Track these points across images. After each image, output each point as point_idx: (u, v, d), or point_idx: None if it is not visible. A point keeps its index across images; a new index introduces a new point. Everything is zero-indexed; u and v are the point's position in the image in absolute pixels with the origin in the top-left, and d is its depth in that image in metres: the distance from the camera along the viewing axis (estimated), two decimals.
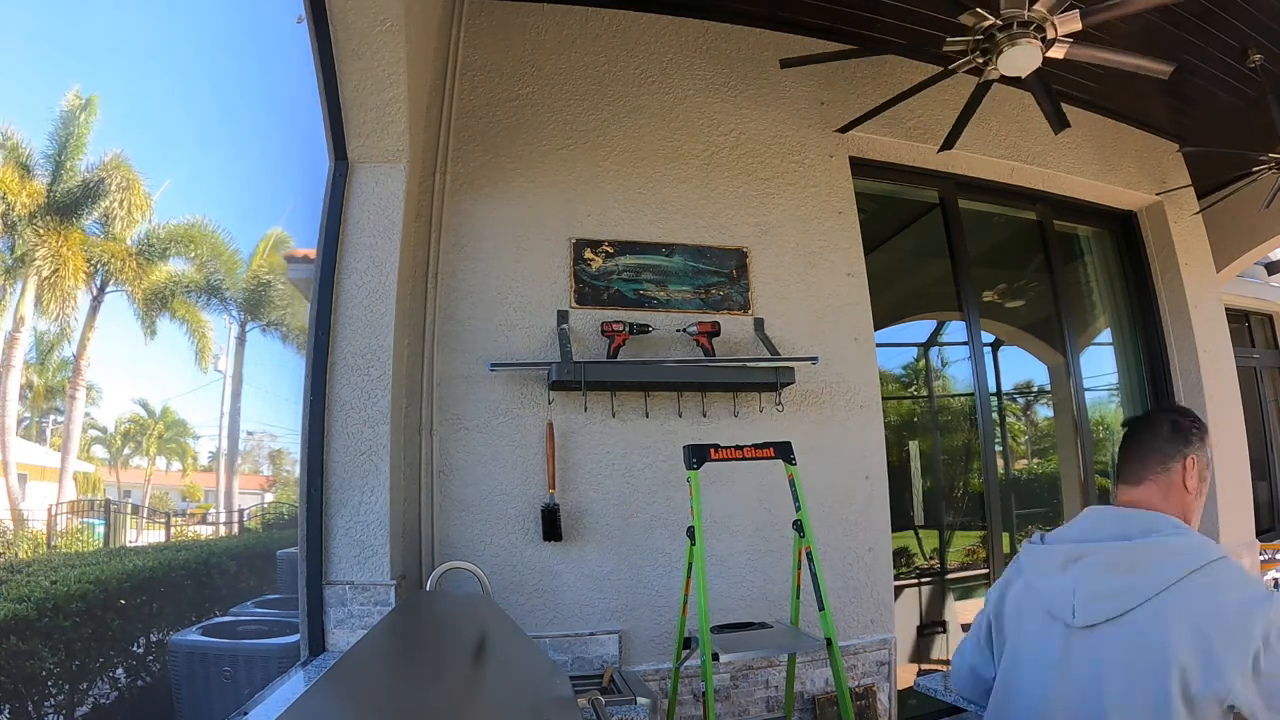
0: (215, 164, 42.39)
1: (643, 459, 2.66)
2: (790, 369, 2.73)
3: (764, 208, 3.02)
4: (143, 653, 5.80)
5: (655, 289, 2.81)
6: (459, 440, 2.53)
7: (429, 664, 0.99)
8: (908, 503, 3.73)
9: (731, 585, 2.65)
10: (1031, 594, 1.38)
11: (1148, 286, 4.07)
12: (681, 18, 3.10)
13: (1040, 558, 1.39)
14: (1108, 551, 1.30)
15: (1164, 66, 2.42)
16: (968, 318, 3.59)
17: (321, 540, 2.10)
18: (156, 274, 15.23)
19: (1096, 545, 1.33)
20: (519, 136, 2.81)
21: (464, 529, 2.48)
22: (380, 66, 2.10)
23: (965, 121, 2.81)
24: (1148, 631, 1.19)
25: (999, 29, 2.29)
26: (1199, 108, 3.81)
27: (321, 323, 2.19)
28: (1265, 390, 5.90)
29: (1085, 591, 1.28)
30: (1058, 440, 4.21)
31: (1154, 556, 1.25)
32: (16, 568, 6.95)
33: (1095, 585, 1.27)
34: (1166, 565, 1.22)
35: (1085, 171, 3.81)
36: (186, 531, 15.18)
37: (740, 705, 2.61)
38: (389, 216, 2.30)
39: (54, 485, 14.80)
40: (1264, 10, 2.97)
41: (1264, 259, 5.66)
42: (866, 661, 2.78)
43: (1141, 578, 1.23)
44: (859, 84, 3.29)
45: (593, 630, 2.51)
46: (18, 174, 13.27)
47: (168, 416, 21.36)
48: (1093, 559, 1.31)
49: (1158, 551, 1.26)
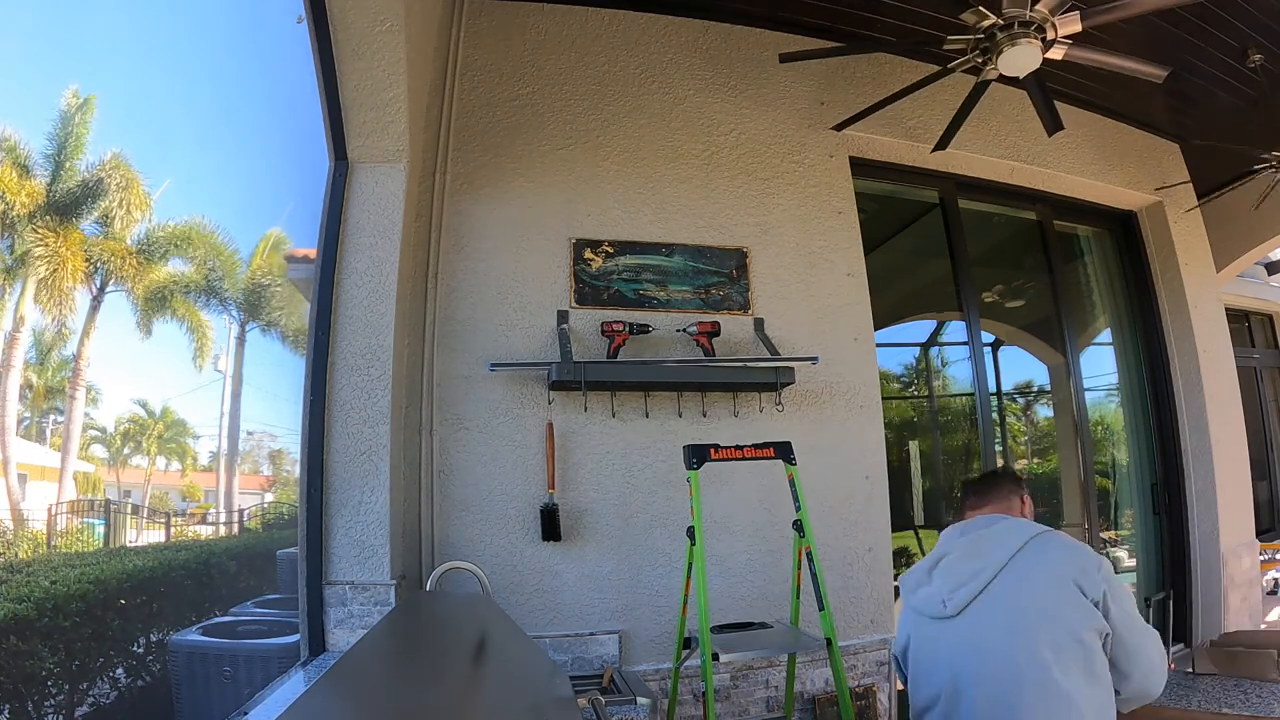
0: (215, 164, 42.41)
1: (643, 459, 2.66)
2: (790, 369, 2.73)
3: (764, 208, 3.02)
4: (143, 653, 5.80)
5: (655, 289, 2.81)
6: (459, 440, 2.53)
7: (429, 664, 0.99)
8: (908, 503, 3.73)
9: (731, 585, 2.65)
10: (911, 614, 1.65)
11: (1148, 286, 4.07)
12: (681, 18, 3.10)
13: (910, 582, 1.66)
14: (957, 548, 1.59)
15: (1160, 70, 2.42)
16: (968, 318, 3.59)
17: (321, 540, 2.10)
18: (156, 274, 15.23)
19: (947, 550, 1.61)
20: (519, 136, 2.81)
21: (464, 529, 2.48)
22: (380, 66, 2.10)
23: (961, 121, 2.81)
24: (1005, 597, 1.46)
25: (1000, 28, 2.29)
26: (1199, 108, 3.81)
27: (321, 323, 2.20)
28: (1265, 390, 5.91)
29: (948, 585, 1.54)
30: (1058, 440, 4.21)
31: (992, 541, 1.54)
32: (16, 568, 6.95)
33: (953, 578, 1.54)
34: (1003, 544, 1.52)
35: (1085, 171, 3.81)
36: (186, 531, 15.17)
37: (740, 705, 2.61)
38: (389, 216, 2.30)
39: (54, 485, 14.80)
40: (1264, 10, 2.97)
41: (1264, 259, 5.66)
42: (866, 661, 2.78)
43: (985, 560, 1.51)
44: (859, 84, 3.29)
45: (593, 630, 2.51)
46: (17, 174, 13.27)
47: (167, 416, 21.37)
48: (946, 559, 1.59)
49: (991, 537, 1.55)
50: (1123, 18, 2.23)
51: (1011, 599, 1.45)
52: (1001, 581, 1.47)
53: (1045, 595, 1.43)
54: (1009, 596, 1.46)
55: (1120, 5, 2.19)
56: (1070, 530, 3.89)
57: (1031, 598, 1.43)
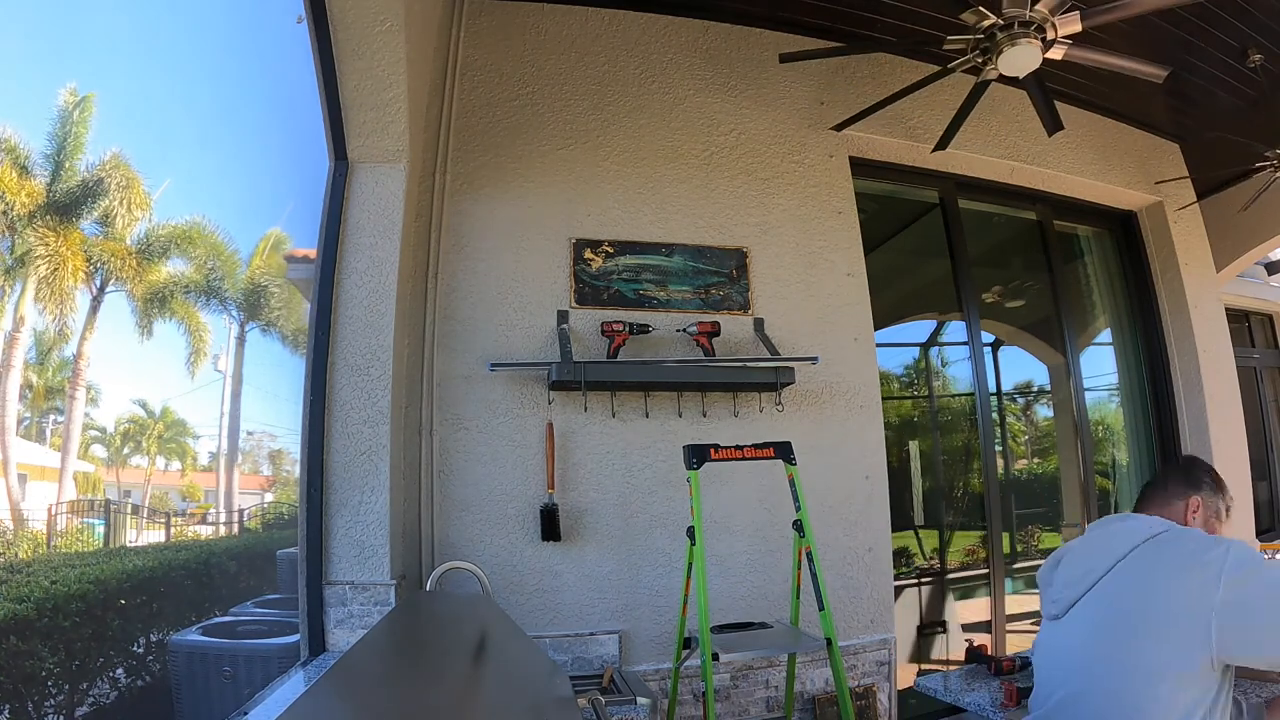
0: (215, 164, 42.42)
1: (643, 459, 2.66)
2: (790, 369, 2.73)
3: (764, 208, 3.02)
4: (143, 653, 5.79)
5: (655, 289, 2.81)
6: (459, 440, 2.53)
7: (429, 664, 0.99)
8: (908, 503, 3.73)
9: (731, 585, 2.65)
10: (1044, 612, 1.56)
11: (1148, 286, 4.07)
12: (681, 18, 3.10)
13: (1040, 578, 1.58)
14: (1076, 546, 1.51)
15: (1159, 70, 2.42)
16: (968, 318, 3.59)
17: (321, 540, 2.10)
18: (156, 274, 15.22)
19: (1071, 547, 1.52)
20: (519, 136, 2.81)
21: (464, 529, 2.48)
22: (380, 66, 2.10)
23: (961, 121, 2.81)
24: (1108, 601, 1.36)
25: (1000, 28, 2.29)
26: (1199, 108, 3.81)
27: (321, 323, 2.19)
28: (1265, 390, 5.90)
29: (1059, 585, 1.47)
30: (1058, 440, 4.21)
31: (1107, 540, 1.43)
32: (16, 568, 6.94)
33: (1064, 577, 1.46)
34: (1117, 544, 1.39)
35: (1085, 171, 3.81)
36: (186, 531, 15.17)
37: (740, 705, 2.61)
38: (389, 216, 2.30)
39: (54, 485, 14.80)
40: (1264, 10, 2.97)
41: (1264, 259, 5.65)
42: (866, 661, 2.78)
43: (1096, 560, 1.41)
44: (859, 84, 3.29)
45: (593, 630, 2.51)
46: (16, 174, 13.26)
47: (167, 416, 21.37)
48: (1066, 558, 1.50)
49: (1108, 536, 1.43)
50: (1123, 18, 2.22)
51: (1113, 603, 1.34)
52: (1107, 584, 1.36)
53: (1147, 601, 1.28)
54: (1112, 600, 1.34)
55: (1120, 5, 2.19)
56: (1069, 530, 3.89)
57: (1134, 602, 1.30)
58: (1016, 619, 3.51)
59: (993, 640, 3.38)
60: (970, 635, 3.47)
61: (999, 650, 3.32)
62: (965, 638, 3.44)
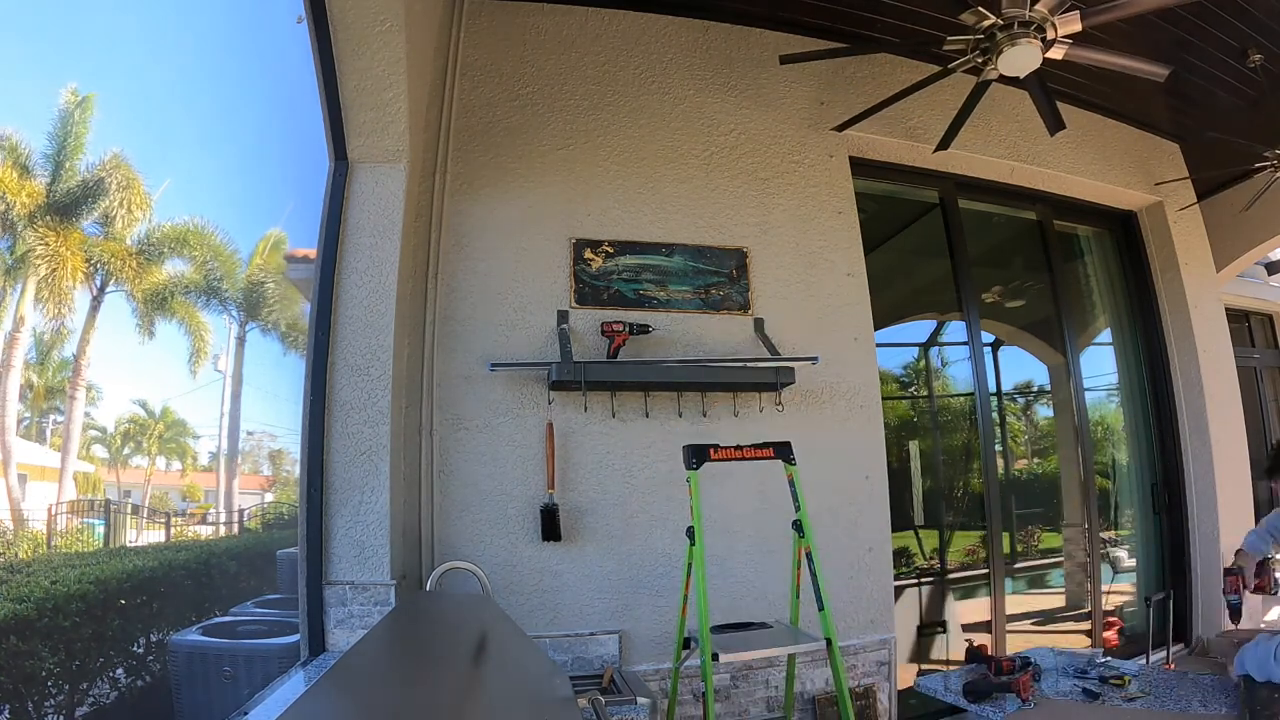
0: (215, 164, 42.32)
1: (643, 459, 2.66)
2: (790, 369, 2.72)
3: (764, 208, 3.02)
4: (143, 653, 5.79)
5: (655, 289, 2.81)
6: (459, 440, 2.53)
7: (429, 664, 0.99)
8: (908, 503, 3.73)
9: (731, 585, 2.65)
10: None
11: (1148, 286, 4.07)
12: (681, 18, 3.10)
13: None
14: None
15: (1160, 69, 2.42)
16: (968, 318, 3.59)
17: (321, 540, 2.10)
18: (156, 274, 15.21)
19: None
20: (519, 136, 2.81)
21: (464, 529, 2.48)
22: (380, 66, 2.10)
23: (962, 121, 2.81)
24: None
25: (1000, 28, 2.29)
26: (1199, 108, 3.81)
27: (321, 323, 2.20)
28: (1265, 390, 5.89)
29: None
30: (1058, 440, 4.21)
31: None
32: (16, 568, 6.94)
33: None
34: None
35: (1085, 171, 3.81)
36: (186, 531, 15.16)
37: (740, 705, 2.61)
38: (389, 216, 2.30)
39: (54, 485, 14.79)
40: (1264, 10, 2.97)
41: (1264, 259, 5.65)
42: (866, 661, 2.78)
43: None
44: (859, 84, 3.29)
45: (593, 630, 2.51)
46: (17, 174, 13.26)
47: (168, 416, 21.35)
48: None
49: None
50: (1123, 17, 2.23)
51: None
52: None
53: None
54: None
55: (1120, 5, 2.19)
56: (1070, 530, 3.89)
57: None
58: (1016, 619, 3.52)
59: (993, 640, 3.38)
60: (970, 635, 3.47)
61: (999, 650, 3.32)
62: (965, 638, 3.44)
